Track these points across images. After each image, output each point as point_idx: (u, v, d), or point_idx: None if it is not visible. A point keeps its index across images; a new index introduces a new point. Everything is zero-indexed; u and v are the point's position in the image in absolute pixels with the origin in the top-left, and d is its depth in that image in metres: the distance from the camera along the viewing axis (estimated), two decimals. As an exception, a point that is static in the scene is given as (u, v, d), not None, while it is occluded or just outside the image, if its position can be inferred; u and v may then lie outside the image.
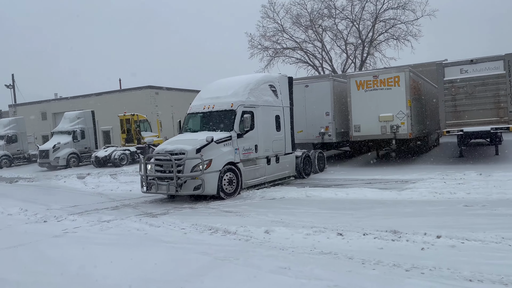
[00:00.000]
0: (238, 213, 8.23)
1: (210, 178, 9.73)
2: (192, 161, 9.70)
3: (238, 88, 11.45)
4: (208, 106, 11.30)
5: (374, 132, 15.28)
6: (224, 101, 11.14)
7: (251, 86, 11.56)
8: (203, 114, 11.48)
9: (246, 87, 11.45)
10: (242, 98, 11.11)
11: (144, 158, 10.62)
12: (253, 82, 11.72)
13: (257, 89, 11.69)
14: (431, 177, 11.88)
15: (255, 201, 9.64)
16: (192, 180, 9.69)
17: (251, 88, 11.51)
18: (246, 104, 11.11)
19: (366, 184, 11.65)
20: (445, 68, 14.70)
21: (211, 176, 9.79)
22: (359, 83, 15.52)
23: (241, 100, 11.06)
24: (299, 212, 7.94)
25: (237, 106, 10.93)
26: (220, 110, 11.11)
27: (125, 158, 23.34)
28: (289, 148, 12.95)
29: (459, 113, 14.49)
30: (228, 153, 10.37)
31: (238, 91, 11.32)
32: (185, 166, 9.72)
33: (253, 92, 11.50)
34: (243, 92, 11.27)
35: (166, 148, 10.28)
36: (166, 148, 10.30)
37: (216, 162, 9.94)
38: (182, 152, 9.81)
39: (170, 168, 9.84)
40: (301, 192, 10.26)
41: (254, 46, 34.90)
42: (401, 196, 9.16)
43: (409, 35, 32.16)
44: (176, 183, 9.62)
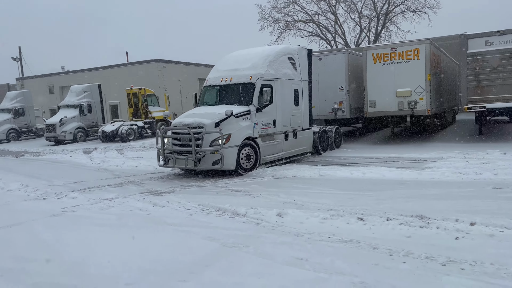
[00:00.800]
0: (247, 192, 7.72)
1: (229, 153, 9.47)
2: (211, 135, 9.43)
3: (257, 60, 10.98)
4: (225, 79, 10.91)
5: (391, 108, 14.53)
6: (242, 74, 10.73)
7: (270, 58, 11.05)
8: (220, 87, 11.08)
9: (265, 59, 10.97)
10: (261, 71, 10.66)
11: (161, 131, 10.23)
12: (272, 54, 11.21)
13: (276, 61, 11.18)
14: (452, 156, 11.24)
15: (265, 180, 9.12)
16: (211, 155, 9.46)
17: (270, 60, 11.00)
18: (265, 77, 10.66)
19: (382, 162, 11.05)
20: (469, 40, 13.84)
21: (230, 151, 9.51)
22: (376, 56, 14.68)
23: (260, 73, 10.61)
24: (313, 192, 7.40)
25: (256, 79, 10.49)
26: (238, 83, 10.70)
27: (133, 133, 22.91)
28: (306, 123, 12.55)
29: (482, 88, 13.66)
30: (247, 127, 10.03)
31: (257, 63, 10.86)
32: (204, 140, 9.46)
33: (272, 65, 11.00)
34: (262, 65, 10.81)
35: (184, 122, 9.92)
36: (184, 121, 9.96)
37: (235, 136, 9.64)
38: (200, 126, 9.52)
39: (188, 142, 9.58)
40: (314, 170, 9.70)
41: (265, 19, 33.78)
42: (422, 176, 8.56)
43: (427, 7, 30.73)
44: (195, 158, 9.39)
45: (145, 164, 12.84)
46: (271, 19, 33.90)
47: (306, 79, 12.52)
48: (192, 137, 9.33)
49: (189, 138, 9.48)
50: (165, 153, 10.07)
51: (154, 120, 24.19)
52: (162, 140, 10.09)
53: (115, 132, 22.58)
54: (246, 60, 11.14)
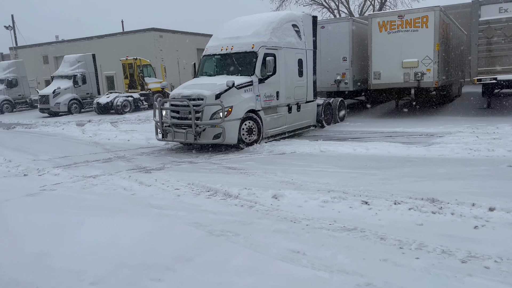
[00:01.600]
0: (242, 170, 7.17)
1: (230, 126, 8.99)
2: (211, 107, 8.91)
3: (260, 27, 10.28)
4: (226, 47, 10.26)
5: (396, 80, 13.81)
6: (244, 42, 10.07)
7: (273, 25, 10.34)
8: (220, 56, 10.47)
9: (268, 26, 10.27)
10: (264, 39, 10.00)
11: (159, 103, 9.69)
12: (275, 21, 10.48)
13: (280, 28, 10.48)
14: (460, 131, 10.64)
15: (262, 156, 8.56)
16: (212, 128, 8.97)
17: (273, 27, 10.30)
18: (268, 45, 10.02)
19: (386, 137, 10.47)
20: (482, 7, 12.88)
21: (232, 124, 9.03)
22: (382, 24, 13.82)
23: (263, 41, 9.95)
24: (313, 170, 6.85)
25: (258, 47, 9.85)
26: (239, 51, 10.07)
27: (128, 105, 22.24)
28: (310, 95, 12.00)
29: (493, 59, 12.88)
30: (249, 99, 9.51)
31: (259, 31, 10.17)
32: (204, 112, 8.96)
33: (276, 32, 10.32)
34: (265, 32, 10.13)
35: (182, 93, 9.37)
36: (182, 92, 9.40)
37: (237, 109, 9.14)
38: (200, 98, 9.00)
39: (188, 115, 9.08)
40: (315, 146, 9.13)
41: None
42: (430, 152, 7.98)
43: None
44: (195, 131, 8.91)
45: (138, 138, 12.28)
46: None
47: (311, 48, 11.86)
48: (191, 109, 8.82)
49: (189, 111, 8.98)
50: (163, 126, 9.56)
51: (150, 92, 23.47)
52: (160, 112, 9.54)
53: (110, 104, 21.94)
54: (247, 27, 10.44)
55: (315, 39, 12.16)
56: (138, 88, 23.78)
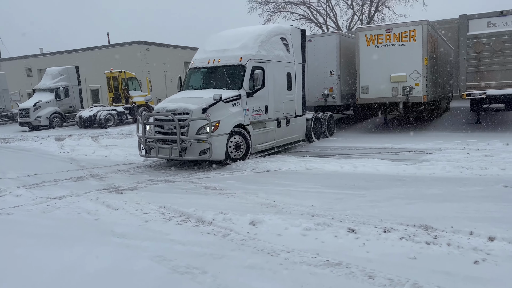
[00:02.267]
0: (222, 190, 6.66)
1: (217, 141, 8.67)
2: (197, 122, 8.61)
3: (248, 40, 10.09)
4: (213, 60, 10.04)
5: (384, 95, 13.53)
6: (231, 55, 9.86)
7: (261, 38, 10.16)
8: (207, 69, 10.22)
9: (256, 39, 10.09)
10: (252, 52, 9.80)
11: (142, 118, 9.23)
12: (264, 34, 10.30)
13: (268, 41, 10.31)
14: (450, 147, 10.32)
15: (244, 174, 8.06)
16: (198, 144, 8.61)
17: (261, 40, 10.11)
18: (256, 58, 9.82)
19: (375, 154, 10.08)
20: (470, 21, 12.72)
21: (219, 140, 8.71)
22: (370, 37, 13.58)
23: (251, 54, 9.75)
24: (296, 191, 6.38)
25: (246, 60, 9.64)
26: (227, 65, 9.84)
27: (112, 118, 21.65)
28: (299, 109, 11.80)
29: (482, 74, 12.68)
30: (237, 114, 9.22)
31: (247, 44, 9.97)
32: (190, 127, 8.62)
33: (264, 45, 10.14)
34: (253, 45, 9.93)
35: (167, 107, 9.02)
36: (167, 107, 9.05)
37: (225, 123, 8.86)
38: (186, 112, 8.69)
39: (173, 130, 8.73)
40: (300, 163, 8.67)
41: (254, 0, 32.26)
42: (420, 171, 7.58)
43: (422, -10, 29.49)
44: (180, 147, 8.51)
45: (117, 154, 11.71)
46: (260, 0, 32.44)
47: (300, 61, 11.71)
48: (176, 124, 8.46)
49: (174, 126, 8.62)
50: (147, 142, 9.09)
51: (135, 105, 22.92)
52: (143, 127, 9.13)
53: (93, 117, 21.34)
54: (235, 40, 10.22)
55: (304, 52, 12.02)
56: (123, 101, 23.24)
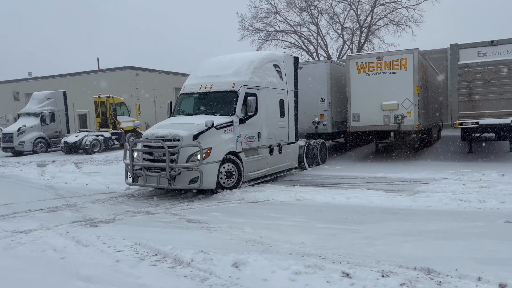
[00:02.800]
0: (205, 224, 6.18)
1: (209, 169, 8.28)
2: (188, 149, 8.27)
3: (241, 66, 9.97)
4: (205, 86, 9.86)
5: (376, 123, 13.30)
6: (224, 81, 9.69)
7: (255, 64, 10.06)
8: (199, 94, 9.99)
9: (249, 65, 9.98)
10: (245, 78, 9.66)
11: (130, 144, 8.80)
12: (257, 60, 10.22)
13: (261, 68, 10.21)
14: (445, 177, 10.01)
15: (231, 205, 7.59)
16: (188, 172, 8.23)
17: (255, 66, 10.01)
18: (249, 85, 9.67)
19: (367, 183, 9.71)
20: (460, 50, 12.69)
21: (210, 168, 8.33)
22: (360, 65, 13.48)
23: (244, 80, 9.60)
24: (286, 225, 5.92)
25: (239, 86, 9.47)
26: (219, 90, 9.65)
27: (98, 144, 21.12)
28: (292, 137, 11.65)
29: (474, 103, 12.54)
30: (229, 140, 8.94)
31: (240, 70, 9.85)
32: (180, 155, 8.25)
33: (257, 72, 10.02)
34: (246, 71, 9.80)
35: (157, 133, 8.67)
36: (157, 133, 8.71)
37: (216, 150, 8.52)
38: (176, 138, 8.35)
39: (162, 157, 8.40)
40: (290, 193, 8.24)
41: (245, 28, 32.47)
42: (416, 203, 7.19)
43: (410, 21, 30.04)
44: (169, 175, 8.10)
45: (99, 182, 11.18)
46: (252, 28, 32.70)
47: (292, 88, 11.63)
48: (166, 151, 8.09)
49: (163, 152, 8.26)
50: (134, 169, 8.64)
51: (122, 131, 22.47)
52: (131, 154, 8.69)
53: (78, 143, 20.78)
54: (228, 66, 10.10)
55: (296, 79, 11.92)
56: (110, 127, 22.80)
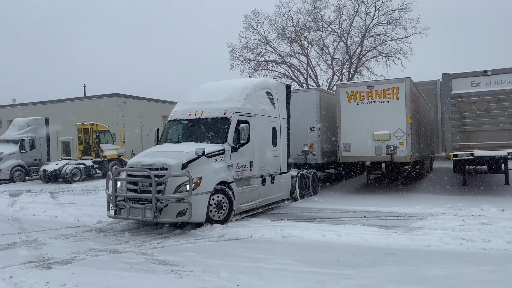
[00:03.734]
0: (175, 266, 5.39)
1: (198, 201, 7.68)
2: (176, 179, 7.67)
3: (233, 92, 9.64)
4: (195, 112, 9.47)
5: (367, 153, 12.76)
6: (215, 107, 9.30)
7: (247, 91, 9.74)
8: (188, 121, 9.57)
9: (242, 91, 9.66)
10: (237, 105, 9.30)
11: (113, 173, 8.07)
12: (249, 87, 9.93)
13: (253, 95, 9.90)
14: (441, 212, 9.39)
15: (209, 243, 6.80)
16: (176, 204, 7.60)
17: (247, 93, 9.69)
18: (242, 111, 9.31)
19: (360, 218, 9.03)
20: (453, 80, 12.36)
21: (200, 199, 7.73)
22: (351, 94, 13.07)
23: (236, 107, 9.24)
24: (268, 268, 5.17)
25: (231, 113, 9.10)
26: (210, 117, 9.25)
27: (79, 173, 20.18)
28: (284, 166, 11.26)
29: (468, 134, 12.09)
30: (220, 170, 8.42)
31: (232, 96, 9.50)
32: (167, 185, 7.66)
33: (250, 98, 9.71)
34: (239, 98, 9.47)
35: (142, 162, 8.09)
36: (142, 161, 8.12)
37: (207, 180, 7.96)
38: (163, 167, 7.78)
39: (148, 187, 7.76)
40: (276, 229, 7.49)
41: (236, 58, 32.43)
42: (414, 242, 6.49)
43: (399, 53, 30.26)
44: (155, 207, 7.43)
45: (71, 214, 10.31)
46: (242, 58, 32.66)
47: (285, 117, 11.36)
48: (152, 180, 7.43)
49: (149, 183, 7.64)
50: (116, 201, 7.97)
51: (105, 159, 21.60)
52: (113, 183, 7.99)
53: (58, 171, 19.82)
54: (219, 92, 9.75)
55: (288, 107, 11.59)
56: (93, 155, 21.96)
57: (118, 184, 8.17)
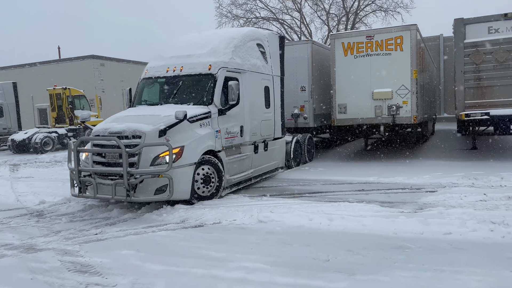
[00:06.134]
0: (96, 276, 3.80)
1: (181, 175, 6.39)
2: (153, 148, 6.32)
3: (218, 43, 8.14)
4: (173, 68, 8.01)
5: (366, 115, 11.10)
6: (198, 62, 7.88)
7: (235, 42, 8.26)
8: (165, 79, 8.07)
9: (228, 43, 8.18)
10: (224, 58, 7.87)
11: (75, 144, 6.49)
12: (237, 37, 8.41)
13: (243, 46, 8.44)
14: (454, 183, 7.90)
15: (162, 233, 5.21)
16: (153, 179, 6.24)
17: (235, 44, 8.22)
18: (229, 66, 7.90)
19: (357, 192, 7.51)
20: (467, 26, 10.52)
21: (183, 172, 6.44)
22: (347, 46, 11.23)
23: (222, 61, 7.82)
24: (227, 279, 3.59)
25: (217, 69, 7.70)
26: (191, 74, 7.83)
27: (50, 142, 18.58)
28: (279, 131, 9.96)
29: (483, 90, 10.41)
30: (206, 137, 7.11)
31: (218, 48, 8.02)
32: (142, 156, 6.28)
33: (238, 51, 8.26)
34: (225, 50, 8.01)
35: (110, 128, 6.62)
36: (110, 127, 6.64)
37: (190, 150, 6.65)
38: (136, 135, 6.39)
39: (118, 160, 6.35)
40: (252, 210, 5.93)
41: (223, 15, 30.07)
42: (429, 228, 4.92)
43: (400, 7, 27.99)
44: (128, 184, 6.05)
45: (18, 191, 8.77)
46: (230, 15, 30.27)
47: (278, 74, 9.93)
48: (123, 151, 6.02)
49: (119, 154, 6.23)
50: (80, 176, 6.48)
51: (80, 127, 19.89)
52: (76, 156, 6.44)
53: (27, 141, 18.17)
54: (202, 44, 8.24)
55: (282, 63, 10.12)
56: (67, 122, 20.25)
57: (83, 156, 6.76)
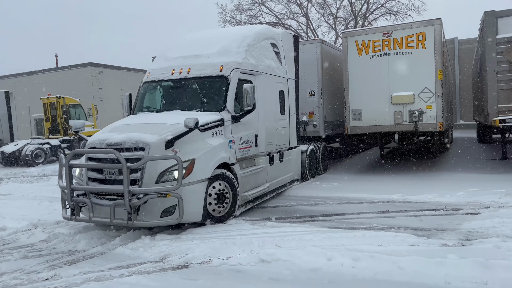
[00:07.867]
0: None
1: (192, 193, 5.53)
2: (159, 162, 5.46)
3: (230, 42, 7.21)
4: (179, 70, 7.07)
5: (384, 122, 9.85)
6: (207, 62, 6.93)
7: (248, 40, 7.32)
8: (171, 82, 7.16)
9: (241, 41, 7.24)
10: (237, 58, 6.94)
11: (67, 158, 5.43)
12: (250, 35, 7.46)
13: (256, 46, 7.51)
14: (496, 202, 6.63)
15: (130, 279, 3.93)
16: (159, 199, 5.32)
17: (248, 43, 7.28)
18: (243, 67, 6.96)
19: (381, 214, 6.22)
20: (499, 20, 9.28)
21: (194, 190, 5.58)
22: (362, 45, 10.01)
23: (235, 61, 6.88)
24: None
25: (230, 70, 6.77)
26: (200, 76, 6.89)
27: (42, 154, 17.46)
28: (294, 140, 9.00)
29: (519, 92, 9.10)
30: (219, 147, 6.23)
31: (229, 47, 7.08)
32: (146, 171, 5.40)
33: (252, 51, 7.32)
34: (238, 49, 7.07)
35: (108, 139, 5.70)
36: (108, 138, 5.72)
37: (202, 163, 5.78)
38: (139, 147, 5.51)
39: (117, 176, 5.47)
40: (252, 244, 4.64)
41: (227, 20, 29.03)
42: (493, 274, 3.63)
43: (410, 9, 26.72)
44: (130, 205, 5.11)
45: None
46: (234, 21, 29.22)
47: (293, 77, 8.99)
48: (124, 166, 5.10)
49: (119, 169, 5.38)
50: (73, 196, 5.48)
51: (75, 138, 18.79)
52: (68, 172, 5.42)
53: (17, 153, 17.08)
54: (212, 43, 7.33)
55: (297, 65, 9.17)
56: (61, 132, 19.17)
57: (76, 171, 5.90)
